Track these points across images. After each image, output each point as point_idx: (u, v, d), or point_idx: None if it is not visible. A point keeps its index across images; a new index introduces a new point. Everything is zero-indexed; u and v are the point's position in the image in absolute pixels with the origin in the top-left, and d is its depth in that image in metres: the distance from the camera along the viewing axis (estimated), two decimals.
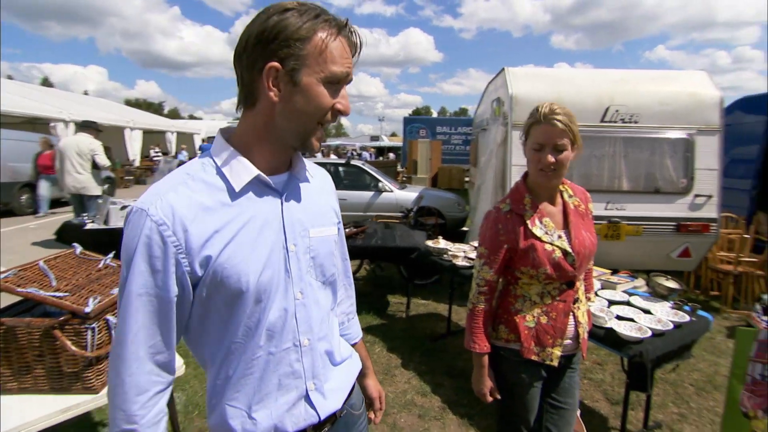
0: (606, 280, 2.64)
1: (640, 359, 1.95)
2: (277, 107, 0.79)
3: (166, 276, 0.76)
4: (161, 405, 0.81)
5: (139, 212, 0.75)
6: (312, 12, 0.77)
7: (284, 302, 0.86)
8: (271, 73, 0.77)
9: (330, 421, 0.96)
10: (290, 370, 0.88)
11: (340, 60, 0.79)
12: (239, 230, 0.80)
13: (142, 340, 0.77)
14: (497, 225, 1.50)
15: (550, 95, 4.19)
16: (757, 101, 6.44)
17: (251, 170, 0.82)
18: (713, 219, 4.09)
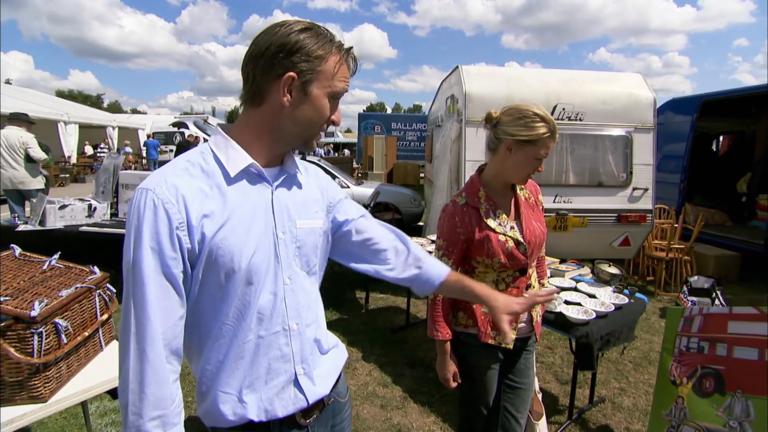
0: (555, 269, 2.80)
1: (587, 339, 2.10)
2: (285, 111, 0.88)
3: (174, 251, 0.80)
4: (180, 394, 0.84)
5: (145, 192, 0.80)
6: (327, 35, 0.89)
7: (274, 286, 0.90)
8: (287, 82, 0.85)
9: (318, 408, 1.00)
10: (280, 353, 0.92)
11: (343, 79, 0.91)
12: (232, 213, 0.85)
13: (154, 321, 0.78)
14: (454, 218, 1.56)
15: (502, 93, 4.35)
16: (684, 103, 7.01)
17: (246, 158, 0.89)
18: (649, 210, 4.43)
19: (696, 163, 6.82)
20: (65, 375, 1.49)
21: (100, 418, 2.49)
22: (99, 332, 1.63)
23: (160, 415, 0.78)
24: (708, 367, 1.92)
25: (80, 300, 1.55)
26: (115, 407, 2.56)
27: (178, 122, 7.64)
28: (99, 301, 1.62)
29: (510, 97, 4.32)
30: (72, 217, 4.11)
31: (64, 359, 1.48)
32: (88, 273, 1.67)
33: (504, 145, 1.52)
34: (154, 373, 0.77)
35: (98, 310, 1.61)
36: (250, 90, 0.89)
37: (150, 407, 0.77)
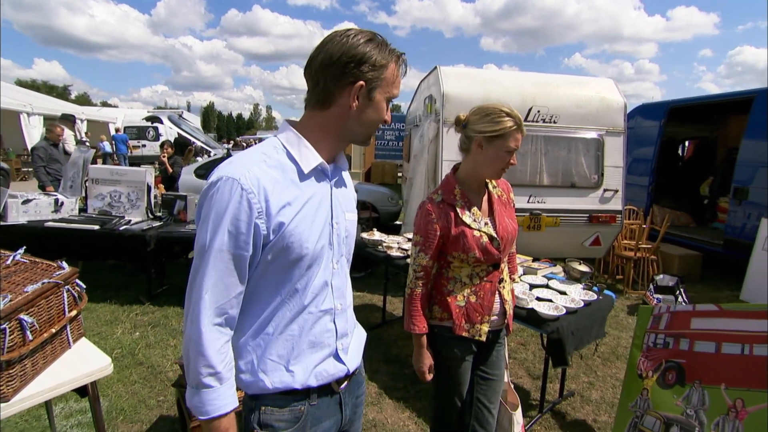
0: (528, 267, 2.87)
1: (557, 334, 2.16)
2: (351, 114, 0.98)
3: (248, 236, 0.90)
4: (231, 354, 0.95)
5: (231, 181, 0.89)
6: (387, 45, 0.99)
7: (326, 270, 1.03)
8: (357, 89, 0.96)
9: (349, 378, 1.12)
10: (326, 329, 1.04)
11: (398, 85, 1.03)
12: (304, 205, 0.97)
13: (216, 293, 0.90)
14: (431, 214, 1.61)
15: (479, 94, 4.42)
16: (653, 108, 7.27)
17: (317, 158, 1.00)
18: (619, 211, 4.58)
19: (663, 166, 7.08)
20: (30, 373, 1.44)
21: (65, 419, 2.42)
22: (67, 329, 1.58)
23: (213, 372, 0.90)
24: (671, 361, 2.02)
25: (47, 296, 1.50)
26: (82, 408, 2.49)
27: (151, 116, 7.46)
28: (67, 297, 1.58)
29: (486, 98, 4.39)
30: (36, 212, 3.96)
31: (29, 357, 1.43)
32: (56, 268, 1.62)
33: (475, 142, 1.59)
34: (207, 338, 0.89)
35: (66, 306, 1.56)
36: (320, 94, 0.98)
37: (203, 365, 0.89)
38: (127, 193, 4.28)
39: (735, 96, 6.28)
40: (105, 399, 2.61)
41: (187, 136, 6.48)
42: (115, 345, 3.26)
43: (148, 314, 3.87)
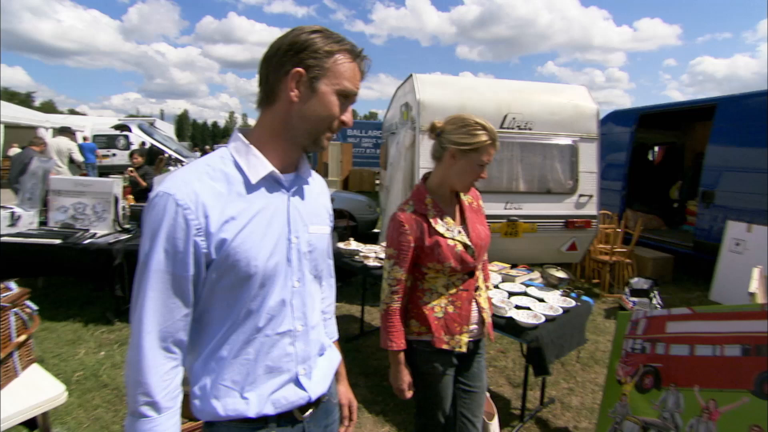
0: (506, 274, 2.85)
1: (537, 343, 2.13)
2: (295, 107, 0.91)
3: (186, 255, 0.84)
4: (177, 381, 0.88)
5: (165, 196, 0.83)
6: (336, 37, 0.93)
7: (284, 289, 0.95)
8: (295, 77, 0.89)
9: (315, 405, 1.04)
10: (284, 353, 0.96)
11: (352, 79, 0.94)
12: (251, 219, 0.89)
13: (158, 316, 0.84)
14: (403, 226, 1.56)
15: (455, 102, 4.43)
16: (624, 115, 7.45)
17: (267, 166, 0.92)
18: (594, 216, 4.64)
19: (635, 171, 7.25)
20: None
21: None
22: (14, 356, 1.46)
23: (149, 401, 0.83)
24: (648, 366, 2.01)
25: None
26: None
27: (120, 125, 7.18)
28: (15, 321, 1.46)
29: (462, 105, 4.40)
30: None
31: None
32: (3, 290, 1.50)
33: (448, 153, 1.57)
34: (147, 364, 0.83)
35: (14, 331, 1.45)
36: (264, 90, 0.93)
37: (141, 395, 0.83)
38: (93, 205, 4.09)
39: (699, 103, 6.49)
40: (63, 427, 2.44)
41: (159, 145, 6.28)
42: (77, 367, 3.08)
43: (115, 332, 3.68)
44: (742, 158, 5.23)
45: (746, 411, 1.62)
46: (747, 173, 5.16)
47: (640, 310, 2.21)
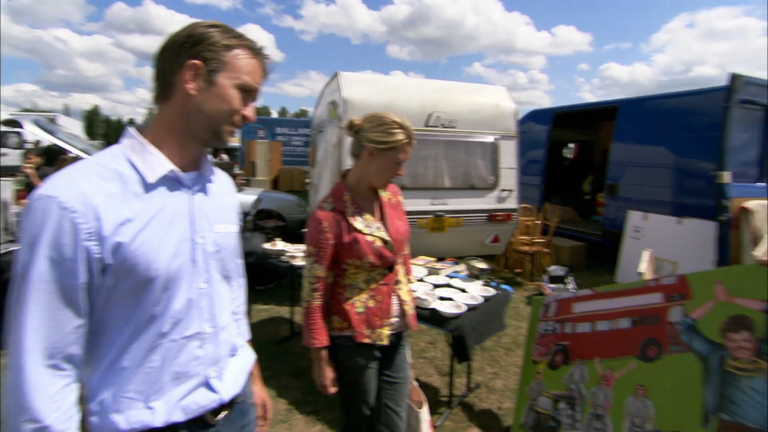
0: (432, 267, 2.95)
1: (460, 332, 2.23)
2: (193, 100, 0.89)
3: (75, 263, 0.78)
4: (71, 400, 0.81)
5: (46, 199, 0.77)
6: (236, 32, 0.92)
7: (189, 291, 0.91)
8: (192, 69, 0.87)
9: (228, 407, 1.01)
10: (192, 356, 0.93)
11: (253, 74, 0.93)
12: (150, 220, 0.85)
13: (42, 331, 0.77)
14: (322, 223, 1.57)
15: (381, 100, 4.49)
16: (542, 114, 7.98)
17: (165, 165, 0.89)
18: (514, 209, 4.92)
19: (552, 167, 7.80)
20: None
21: None
22: None
23: (39, 427, 0.75)
24: (559, 344, 2.18)
25: None
26: None
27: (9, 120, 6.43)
28: None
29: (389, 104, 4.48)
30: None
31: None
32: None
33: (366, 150, 1.60)
34: (32, 386, 0.75)
35: None
36: (160, 84, 0.90)
37: (27, 423, 0.75)
38: None
39: (604, 105, 7.13)
40: None
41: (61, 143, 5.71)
42: None
43: None
44: (641, 154, 5.82)
45: (633, 374, 1.83)
46: (644, 168, 5.75)
47: (552, 295, 2.40)
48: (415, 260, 3.10)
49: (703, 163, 4.92)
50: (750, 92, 4.59)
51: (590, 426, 1.92)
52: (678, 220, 5.03)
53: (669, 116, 5.57)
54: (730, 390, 1.53)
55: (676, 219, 5.06)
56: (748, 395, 1.48)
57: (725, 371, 1.56)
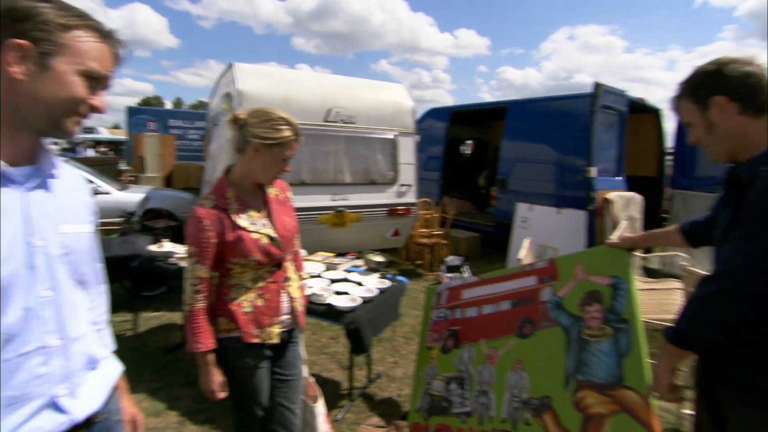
0: (330, 262, 2.95)
1: (355, 324, 2.26)
2: (23, 87, 0.79)
3: None
4: None
5: None
6: (76, 11, 0.82)
7: (26, 301, 0.81)
8: (15, 49, 0.77)
9: (84, 426, 0.92)
10: (33, 375, 0.82)
11: (101, 61, 0.85)
12: None
13: None
14: (203, 221, 1.51)
15: (278, 94, 4.37)
16: (440, 112, 8.38)
17: None
18: (413, 203, 5.12)
19: (451, 162, 8.24)
20: None
21: None
22: None
23: None
24: (450, 330, 2.31)
25: None
26: None
27: None
28: None
29: (287, 98, 4.37)
30: None
31: None
32: None
33: (252, 146, 1.55)
34: None
35: None
36: None
37: None
38: None
39: (496, 105, 7.70)
40: None
41: None
42: None
43: None
44: (526, 151, 6.39)
45: (513, 351, 2.00)
46: (530, 163, 6.32)
47: (444, 284, 2.53)
48: (313, 256, 3.08)
49: (577, 159, 5.52)
50: (609, 99, 5.29)
51: (477, 402, 2.06)
52: (558, 210, 5.61)
53: (549, 117, 6.18)
54: (585, 354, 1.74)
55: (556, 209, 5.64)
56: (597, 357, 1.69)
57: (582, 339, 1.77)
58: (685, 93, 1.28)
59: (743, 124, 1.18)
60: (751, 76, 1.17)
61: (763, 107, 1.17)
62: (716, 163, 1.36)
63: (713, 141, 1.24)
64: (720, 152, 1.25)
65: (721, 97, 1.18)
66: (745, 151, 1.20)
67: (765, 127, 1.17)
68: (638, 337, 1.63)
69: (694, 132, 1.28)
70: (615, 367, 1.64)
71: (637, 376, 1.55)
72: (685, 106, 1.28)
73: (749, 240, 1.08)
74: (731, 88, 1.17)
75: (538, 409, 1.81)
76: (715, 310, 1.14)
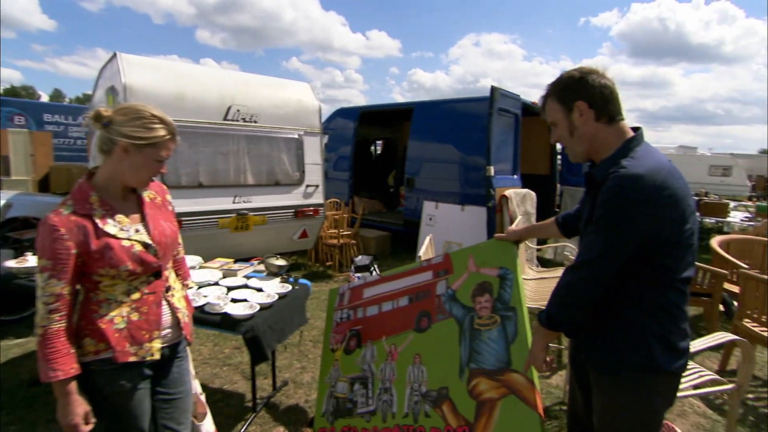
0: (228, 269, 2.78)
1: (253, 333, 2.15)
2: None
3: None
4: None
5: None
6: None
7: None
8: None
9: None
10: None
11: None
12: None
13: None
14: (58, 231, 1.31)
15: (171, 89, 4.04)
16: (348, 112, 8.37)
17: None
18: (320, 204, 5.05)
19: (361, 162, 8.28)
20: None
21: None
22: None
23: None
24: (352, 330, 2.30)
25: None
26: None
27: None
28: None
29: (181, 94, 4.06)
30: None
31: None
32: None
33: (119, 147, 1.39)
34: None
35: None
36: None
37: None
38: None
39: (402, 105, 7.89)
40: None
41: None
42: None
43: None
44: (431, 151, 6.61)
45: (411, 345, 2.04)
46: (435, 163, 6.56)
47: (345, 284, 2.51)
48: (210, 263, 2.89)
49: (477, 159, 5.83)
50: (506, 103, 5.67)
51: (380, 399, 2.07)
52: (461, 207, 5.90)
53: (451, 119, 6.46)
54: (476, 343, 1.83)
55: (460, 207, 5.93)
56: (488, 345, 1.79)
57: (474, 329, 1.86)
58: (552, 94, 1.40)
59: (598, 130, 1.33)
60: (605, 87, 1.32)
61: (613, 116, 1.33)
62: (578, 163, 1.52)
63: (573, 142, 1.38)
64: (578, 153, 1.40)
65: (583, 103, 1.32)
66: (598, 153, 1.35)
67: (614, 134, 1.32)
68: (524, 323, 1.76)
69: (557, 132, 1.42)
70: (503, 353, 1.75)
71: (523, 360, 1.66)
72: (551, 107, 1.41)
73: (599, 234, 1.23)
74: (591, 96, 1.32)
75: (436, 401, 1.86)
76: (576, 296, 1.29)
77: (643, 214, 1.16)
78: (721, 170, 17.39)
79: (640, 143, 1.30)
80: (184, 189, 4.04)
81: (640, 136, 1.32)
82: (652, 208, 1.17)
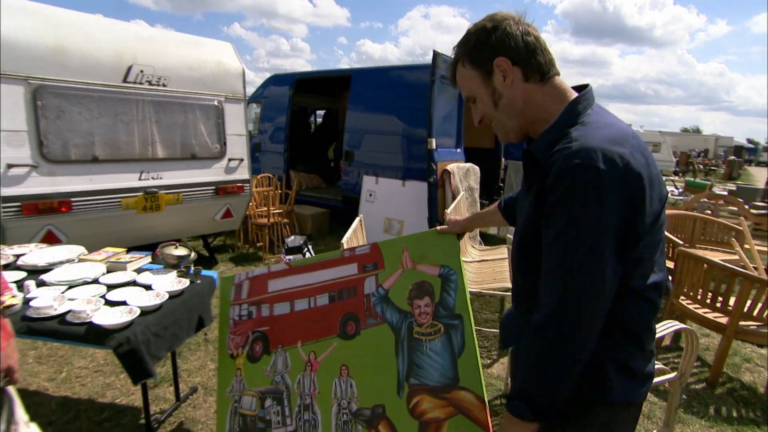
0: (116, 261, 2.30)
1: (129, 345, 1.73)
2: None
3: None
4: None
5: None
6: None
7: None
8: None
9: None
10: None
11: None
12: None
13: None
14: None
15: (50, 41, 3.33)
16: (282, 79, 7.71)
17: None
18: (246, 180, 4.53)
19: (298, 134, 7.72)
20: None
21: None
22: None
23: None
24: (257, 331, 1.92)
25: None
26: None
27: None
28: None
29: (60, 46, 3.36)
30: None
31: None
32: None
33: None
34: None
35: None
36: None
37: None
38: None
39: (341, 72, 7.36)
40: None
41: None
42: None
43: None
44: (371, 122, 6.21)
45: (336, 354, 1.71)
46: (375, 135, 6.17)
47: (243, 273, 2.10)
48: (95, 254, 2.38)
49: (419, 131, 5.50)
50: None
51: (300, 418, 1.74)
52: (402, 182, 5.61)
53: (393, 87, 6.05)
54: (416, 355, 1.53)
55: (401, 182, 5.63)
56: (430, 357, 1.50)
57: (413, 338, 1.56)
58: (462, 57, 1.02)
59: (530, 92, 0.98)
60: (528, 35, 0.96)
61: (543, 71, 0.97)
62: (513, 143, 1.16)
63: (500, 115, 1.01)
64: (510, 128, 1.03)
65: (504, 59, 0.96)
66: (535, 125, 1.00)
67: (552, 95, 0.97)
68: (472, 333, 1.48)
69: (479, 108, 1.04)
70: (449, 368, 1.47)
71: (471, 375, 1.40)
72: (464, 75, 1.03)
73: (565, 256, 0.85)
74: (512, 48, 0.95)
75: (371, 420, 1.55)
76: (567, 357, 0.89)
77: (613, 202, 0.82)
78: (651, 146, 18.59)
79: (591, 104, 0.96)
80: (74, 164, 3.40)
81: (590, 95, 0.97)
82: (620, 191, 0.82)
